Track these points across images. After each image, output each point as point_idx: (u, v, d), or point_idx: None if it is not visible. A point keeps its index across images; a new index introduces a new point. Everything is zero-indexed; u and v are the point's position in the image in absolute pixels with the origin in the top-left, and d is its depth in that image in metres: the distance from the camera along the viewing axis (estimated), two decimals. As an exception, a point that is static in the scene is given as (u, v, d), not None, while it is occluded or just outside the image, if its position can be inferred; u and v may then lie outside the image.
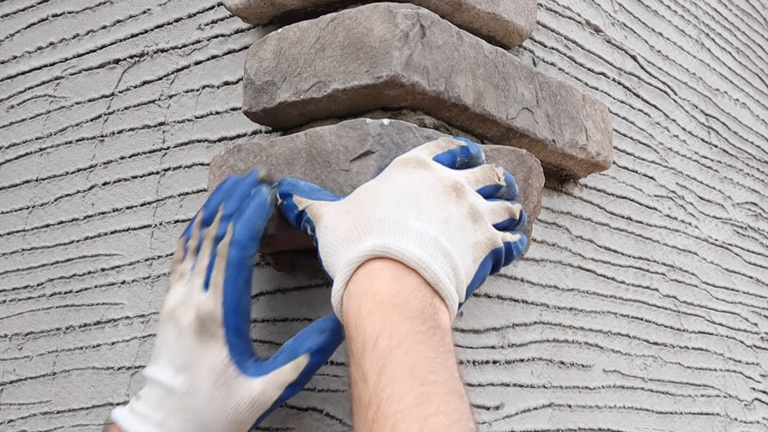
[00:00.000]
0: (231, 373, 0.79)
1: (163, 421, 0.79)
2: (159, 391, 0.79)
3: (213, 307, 0.79)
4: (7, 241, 1.20)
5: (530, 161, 0.92)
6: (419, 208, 0.72)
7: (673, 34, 1.41)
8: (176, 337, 0.80)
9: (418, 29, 0.83)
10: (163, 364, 0.80)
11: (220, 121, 1.03)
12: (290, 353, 0.79)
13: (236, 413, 0.79)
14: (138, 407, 0.80)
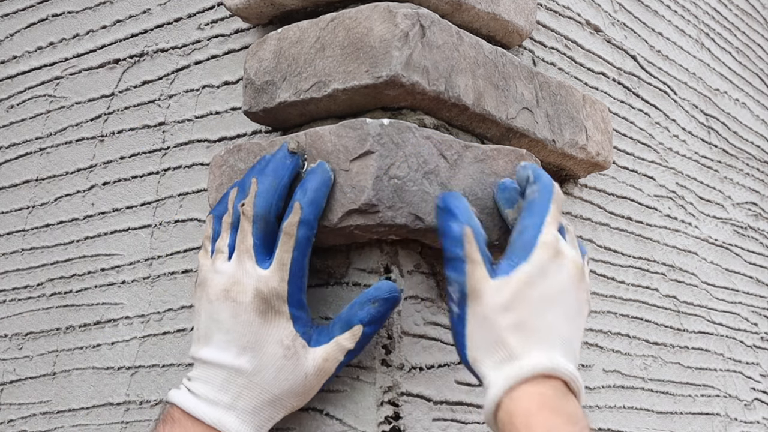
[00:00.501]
0: (298, 345, 0.80)
1: (233, 403, 0.79)
2: (222, 372, 0.80)
3: (278, 284, 0.79)
4: (7, 241, 1.20)
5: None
6: (566, 312, 0.77)
7: (673, 34, 1.41)
8: (233, 317, 0.79)
9: (418, 29, 0.83)
10: (220, 345, 0.80)
11: (220, 121, 1.03)
12: (345, 323, 0.81)
13: (305, 383, 0.81)
14: (199, 390, 0.80)
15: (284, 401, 0.81)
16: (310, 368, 0.81)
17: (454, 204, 0.79)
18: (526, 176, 0.83)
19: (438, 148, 0.84)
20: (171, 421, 0.80)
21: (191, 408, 0.79)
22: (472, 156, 0.87)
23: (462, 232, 0.77)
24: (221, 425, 0.79)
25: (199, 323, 0.82)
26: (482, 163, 0.88)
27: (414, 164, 0.82)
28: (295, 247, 0.79)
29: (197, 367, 0.82)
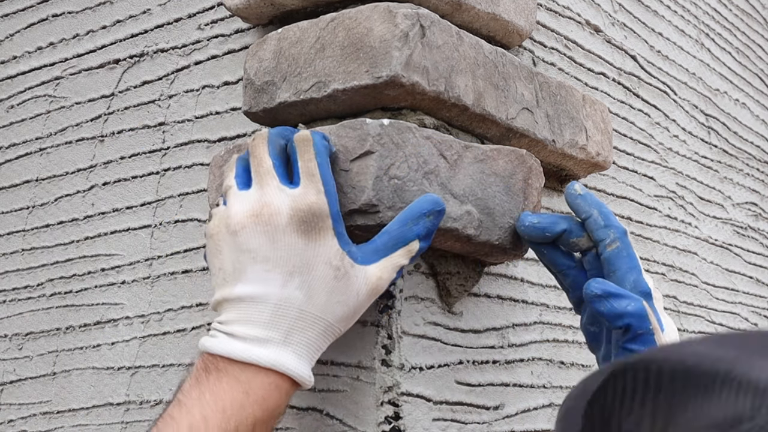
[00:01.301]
0: (347, 264, 0.74)
1: (287, 338, 0.73)
2: (268, 306, 0.73)
3: (315, 197, 0.74)
4: (7, 241, 1.20)
5: (530, 161, 0.92)
6: None
7: (673, 34, 1.41)
8: (270, 242, 0.73)
9: (418, 29, 0.83)
10: (258, 276, 0.73)
11: (220, 121, 1.03)
12: (398, 239, 0.76)
13: (357, 304, 0.76)
14: (242, 332, 0.73)
15: (335, 327, 0.76)
16: (362, 288, 0.75)
17: (612, 286, 0.80)
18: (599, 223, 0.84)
19: (438, 148, 0.84)
20: (216, 372, 0.72)
21: (240, 353, 0.72)
22: (472, 156, 0.87)
23: (643, 306, 0.80)
24: (279, 365, 0.72)
25: (223, 262, 0.75)
26: (482, 164, 0.88)
27: (414, 164, 0.82)
28: (317, 153, 0.75)
29: (230, 309, 0.74)
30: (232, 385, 0.72)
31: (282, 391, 0.73)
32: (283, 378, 0.73)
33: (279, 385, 0.73)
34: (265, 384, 0.72)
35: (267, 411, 0.72)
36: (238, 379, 0.72)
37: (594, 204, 0.86)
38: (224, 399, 0.71)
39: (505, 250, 0.90)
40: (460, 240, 0.86)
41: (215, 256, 0.76)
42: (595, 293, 0.80)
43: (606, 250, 0.84)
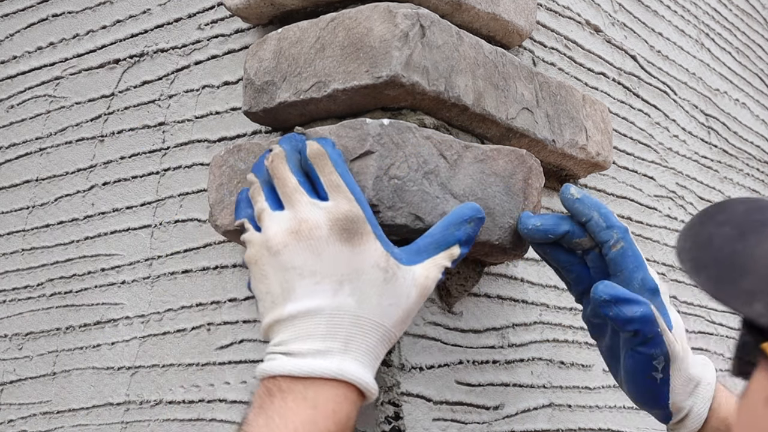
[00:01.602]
0: (393, 265, 0.74)
1: (346, 345, 0.72)
2: (323, 317, 0.72)
3: (349, 205, 0.73)
4: (7, 241, 1.20)
5: (530, 161, 0.92)
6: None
7: (673, 34, 1.41)
8: (315, 255, 0.72)
9: (418, 29, 0.83)
10: (308, 291, 0.72)
11: (220, 121, 1.03)
12: (442, 242, 0.77)
13: (408, 305, 0.75)
14: (300, 348, 0.71)
15: (391, 333, 0.74)
16: (411, 289, 0.75)
17: (620, 290, 0.82)
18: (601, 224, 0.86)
19: (438, 148, 0.84)
20: (280, 393, 0.70)
21: (303, 368, 0.70)
22: (472, 156, 0.87)
23: (651, 311, 0.82)
24: (344, 373, 0.71)
25: (270, 285, 0.74)
26: (482, 163, 0.88)
27: (414, 164, 0.82)
28: (335, 164, 0.75)
29: (284, 329, 0.72)
30: (299, 404, 0.70)
31: (350, 401, 0.72)
32: (349, 388, 0.72)
33: (347, 395, 0.71)
34: (333, 396, 0.71)
35: (339, 424, 0.71)
36: (305, 397, 0.70)
37: (593, 206, 0.86)
38: (294, 419, 0.69)
39: (505, 250, 0.90)
40: (460, 240, 0.86)
41: (261, 282, 0.75)
42: (603, 298, 0.81)
43: (611, 251, 0.85)
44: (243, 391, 0.96)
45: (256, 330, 0.96)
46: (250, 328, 0.96)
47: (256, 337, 0.96)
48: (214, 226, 0.90)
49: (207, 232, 1.02)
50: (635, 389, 0.87)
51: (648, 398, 0.87)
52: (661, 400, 0.86)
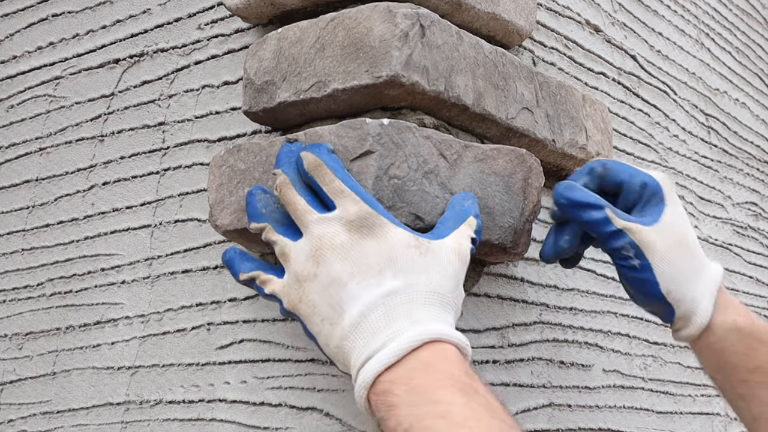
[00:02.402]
0: (423, 241, 0.76)
1: (411, 320, 0.72)
2: (378, 310, 0.72)
3: (357, 206, 0.75)
4: (7, 241, 1.20)
5: (530, 161, 0.92)
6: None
7: (673, 34, 1.41)
8: (345, 260, 0.74)
9: (417, 29, 0.83)
10: (355, 293, 0.73)
11: (220, 120, 1.03)
12: (458, 218, 0.80)
13: (454, 270, 0.76)
14: (375, 345, 0.72)
15: (449, 299, 0.75)
16: (451, 255, 0.76)
17: (577, 193, 0.88)
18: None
19: (438, 147, 0.84)
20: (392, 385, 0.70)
21: (391, 354, 0.70)
22: (472, 156, 0.87)
23: (605, 214, 0.87)
24: (421, 336, 0.71)
25: (321, 311, 0.74)
26: (482, 163, 0.88)
27: (414, 164, 0.82)
28: (334, 171, 0.76)
29: (353, 341, 0.73)
30: (415, 375, 0.70)
31: (450, 351, 0.72)
32: (440, 344, 0.72)
33: (440, 349, 0.72)
34: (433, 352, 0.71)
35: (466, 371, 0.71)
36: (412, 369, 0.70)
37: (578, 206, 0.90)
38: (429, 390, 0.69)
39: (506, 250, 0.90)
40: (460, 240, 0.86)
41: (312, 315, 0.75)
42: (561, 203, 0.88)
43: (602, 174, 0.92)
44: (243, 391, 0.96)
45: (256, 330, 0.96)
46: (250, 328, 0.97)
47: (256, 337, 0.96)
48: (214, 226, 0.90)
49: (207, 232, 1.02)
50: (625, 282, 0.92)
51: (638, 287, 0.90)
52: (651, 287, 0.89)
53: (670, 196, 0.92)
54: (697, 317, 0.91)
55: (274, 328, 0.94)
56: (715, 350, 0.92)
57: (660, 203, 0.91)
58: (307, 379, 0.91)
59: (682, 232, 0.91)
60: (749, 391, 0.91)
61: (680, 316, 0.92)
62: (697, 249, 0.92)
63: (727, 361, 0.92)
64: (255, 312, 0.96)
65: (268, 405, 0.94)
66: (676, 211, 0.92)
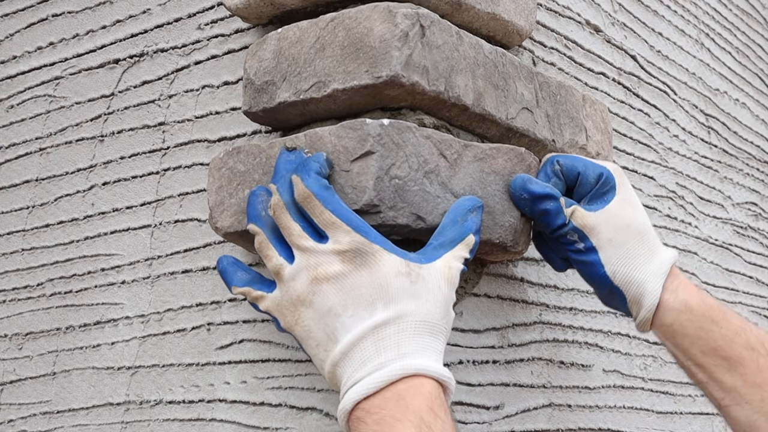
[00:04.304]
0: (414, 267, 0.77)
1: (399, 351, 0.74)
2: (367, 341, 0.74)
3: (348, 236, 0.76)
4: (7, 241, 1.20)
5: (529, 159, 0.92)
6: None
7: (673, 34, 1.41)
8: (340, 291, 0.75)
9: (417, 29, 0.83)
10: (349, 324, 0.75)
11: (220, 121, 1.03)
12: (456, 236, 0.80)
13: (443, 296, 0.77)
14: (359, 374, 0.74)
15: (439, 326, 0.77)
16: (440, 281, 0.77)
17: (534, 186, 0.89)
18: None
19: (438, 147, 0.84)
20: (366, 416, 0.73)
21: (371, 384, 0.73)
22: (472, 155, 0.87)
23: (558, 204, 0.90)
24: (404, 370, 0.73)
25: (317, 336, 0.77)
26: (482, 162, 0.88)
27: (414, 164, 0.82)
28: (324, 202, 0.77)
29: (343, 369, 0.75)
30: (384, 407, 0.72)
31: (427, 388, 0.74)
32: (418, 379, 0.74)
33: (419, 384, 0.74)
34: (409, 387, 0.73)
35: (436, 406, 0.73)
36: (386, 401, 0.73)
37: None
38: (391, 422, 0.72)
39: (506, 249, 0.90)
40: (460, 240, 0.86)
41: (308, 338, 0.78)
42: (522, 196, 0.89)
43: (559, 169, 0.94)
44: (243, 391, 0.96)
45: (256, 330, 0.96)
46: (250, 328, 0.97)
47: (256, 337, 0.96)
48: (214, 228, 0.90)
49: (207, 232, 1.02)
50: (577, 269, 0.94)
51: (586, 270, 0.92)
52: (596, 269, 0.91)
53: (622, 185, 0.93)
54: (646, 298, 0.91)
55: (274, 329, 0.94)
56: (669, 334, 0.92)
57: (611, 191, 0.92)
58: (307, 379, 0.91)
59: (630, 217, 0.92)
60: (707, 376, 0.90)
61: (631, 300, 0.92)
62: (647, 234, 0.93)
63: (680, 344, 0.91)
64: (255, 312, 0.96)
65: (268, 405, 0.94)
66: (626, 198, 0.93)
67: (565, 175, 0.93)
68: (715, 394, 0.90)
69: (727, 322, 0.90)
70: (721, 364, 0.89)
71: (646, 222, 0.94)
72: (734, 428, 0.89)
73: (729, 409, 0.89)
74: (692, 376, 0.92)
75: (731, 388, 0.89)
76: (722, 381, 0.89)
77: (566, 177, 0.93)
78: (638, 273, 0.91)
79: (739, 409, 0.88)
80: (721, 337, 0.90)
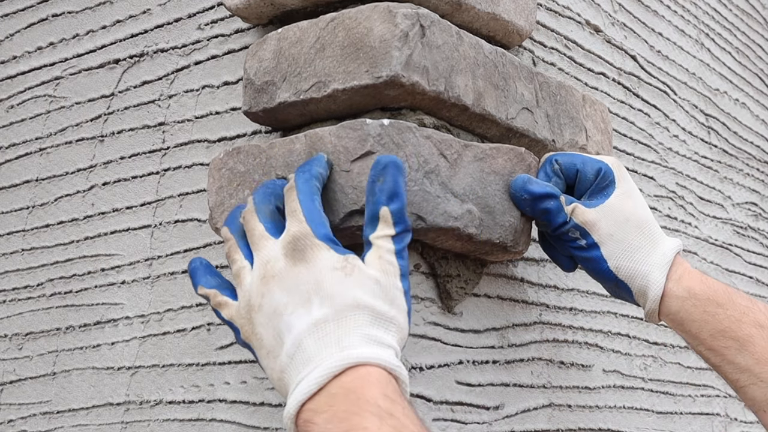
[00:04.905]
0: (352, 261, 0.74)
1: (339, 345, 0.71)
2: (309, 338, 0.72)
3: (298, 227, 0.74)
4: (7, 241, 1.20)
5: (529, 159, 0.92)
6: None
7: (673, 34, 1.41)
8: (283, 289, 0.73)
9: (417, 29, 0.83)
10: (290, 324, 0.72)
11: (220, 121, 1.03)
12: (371, 219, 0.76)
13: (383, 285, 0.74)
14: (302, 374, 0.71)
15: (382, 314, 0.73)
16: (374, 272, 0.74)
17: (534, 187, 0.90)
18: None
19: (438, 147, 0.84)
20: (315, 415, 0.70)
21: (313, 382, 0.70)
22: (472, 155, 0.87)
23: (552, 190, 0.90)
24: (344, 362, 0.71)
25: (267, 342, 0.74)
26: (482, 162, 0.88)
27: (414, 164, 0.82)
28: (299, 192, 0.76)
29: (289, 372, 0.73)
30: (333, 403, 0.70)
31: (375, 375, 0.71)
32: (362, 369, 0.71)
33: (365, 373, 0.70)
34: (355, 378, 0.70)
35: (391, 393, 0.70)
36: (332, 394, 0.70)
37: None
38: (346, 417, 0.68)
39: (506, 249, 0.90)
40: (462, 239, 0.86)
41: (261, 347, 0.75)
42: (523, 197, 0.90)
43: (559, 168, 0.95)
44: (243, 391, 0.96)
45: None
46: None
47: (256, 337, 0.96)
48: (215, 229, 0.90)
49: (207, 232, 1.02)
50: (581, 265, 0.95)
51: (590, 266, 0.93)
52: (600, 264, 0.92)
53: (621, 179, 0.94)
54: (650, 290, 0.91)
55: (274, 329, 0.94)
56: (677, 322, 0.92)
57: (610, 186, 0.93)
58: (307, 380, 0.91)
59: (630, 211, 0.92)
60: (720, 360, 0.90)
61: (637, 292, 0.93)
62: (650, 227, 0.93)
63: (689, 331, 0.92)
64: (255, 312, 0.96)
65: (268, 405, 0.94)
66: (626, 191, 0.93)
67: (564, 173, 0.94)
68: (731, 376, 0.90)
69: (733, 303, 0.90)
70: (732, 345, 0.89)
71: (646, 214, 0.94)
72: (753, 409, 0.89)
73: (746, 390, 0.89)
74: (707, 361, 0.93)
75: (745, 368, 0.89)
76: (735, 362, 0.89)
77: (566, 175, 0.94)
78: (641, 265, 0.91)
79: (755, 388, 0.88)
80: (727, 318, 0.90)
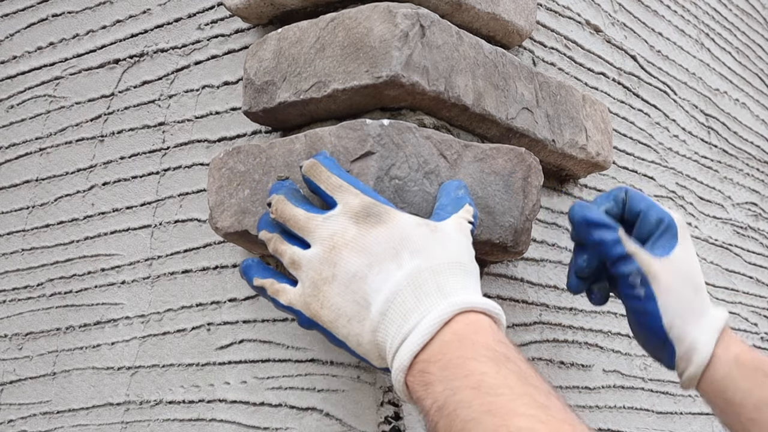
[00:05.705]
0: (429, 222, 0.75)
1: (441, 293, 0.71)
2: (405, 291, 0.71)
3: (359, 200, 0.74)
4: (7, 241, 1.20)
5: (529, 159, 0.92)
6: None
7: (673, 34, 1.41)
8: (360, 253, 0.72)
9: (417, 29, 0.83)
10: (378, 281, 0.71)
11: (220, 121, 1.03)
12: (455, 204, 0.79)
13: (465, 243, 0.76)
14: (407, 326, 0.70)
15: (470, 268, 0.75)
16: (455, 231, 0.75)
17: (592, 214, 0.89)
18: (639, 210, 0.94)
19: (438, 147, 0.84)
20: (427, 365, 0.68)
21: (425, 331, 0.69)
22: (472, 155, 0.87)
23: (616, 235, 0.89)
24: (454, 307, 0.70)
25: (347, 311, 0.72)
26: (482, 162, 0.88)
27: (414, 164, 0.82)
28: (329, 168, 0.76)
29: (386, 328, 0.71)
30: (446, 351, 0.68)
31: (485, 321, 0.71)
32: (470, 314, 0.70)
33: (479, 318, 0.70)
34: (466, 323, 0.69)
35: (498, 338, 0.70)
36: (447, 344, 0.68)
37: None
38: (462, 363, 0.67)
39: (506, 249, 0.90)
40: (460, 240, 0.86)
41: (338, 317, 0.73)
42: (578, 220, 0.90)
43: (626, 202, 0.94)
44: (243, 391, 0.96)
45: (256, 330, 0.96)
46: (250, 328, 0.96)
47: (256, 337, 0.96)
48: (215, 229, 0.90)
49: (207, 232, 1.02)
50: (629, 315, 0.92)
51: (642, 320, 0.90)
52: (653, 320, 0.89)
53: (683, 236, 0.92)
54: (698, 354, 0.90)
55: (274, 328, 0.94)
56: (720, 389, 0.90)
57: (673, 239, 0.91)
58: (307, 379, 0.91)
59: (689, 271, 0.91)
60: (760, 430, 0.88)
61: (681, 356, 0.91)
62: (702, 291, 0.92)
63: (732, 399, 0.89)
64: (255, 312, 0.96)
65: (268, 405, 0.94)
66: (687, 250, 0.92)
67: (628, 206, 0.92)
68: None
69: None
70: None
71: (701, 278, 0.93)
72: None
73: None
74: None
75: None
76: None
77: (628, 209, 0.92)
78: (692, 328, 0.90)
79: None
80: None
